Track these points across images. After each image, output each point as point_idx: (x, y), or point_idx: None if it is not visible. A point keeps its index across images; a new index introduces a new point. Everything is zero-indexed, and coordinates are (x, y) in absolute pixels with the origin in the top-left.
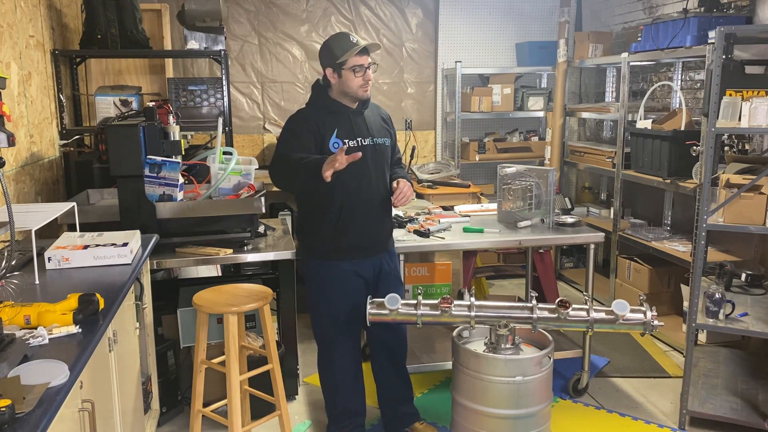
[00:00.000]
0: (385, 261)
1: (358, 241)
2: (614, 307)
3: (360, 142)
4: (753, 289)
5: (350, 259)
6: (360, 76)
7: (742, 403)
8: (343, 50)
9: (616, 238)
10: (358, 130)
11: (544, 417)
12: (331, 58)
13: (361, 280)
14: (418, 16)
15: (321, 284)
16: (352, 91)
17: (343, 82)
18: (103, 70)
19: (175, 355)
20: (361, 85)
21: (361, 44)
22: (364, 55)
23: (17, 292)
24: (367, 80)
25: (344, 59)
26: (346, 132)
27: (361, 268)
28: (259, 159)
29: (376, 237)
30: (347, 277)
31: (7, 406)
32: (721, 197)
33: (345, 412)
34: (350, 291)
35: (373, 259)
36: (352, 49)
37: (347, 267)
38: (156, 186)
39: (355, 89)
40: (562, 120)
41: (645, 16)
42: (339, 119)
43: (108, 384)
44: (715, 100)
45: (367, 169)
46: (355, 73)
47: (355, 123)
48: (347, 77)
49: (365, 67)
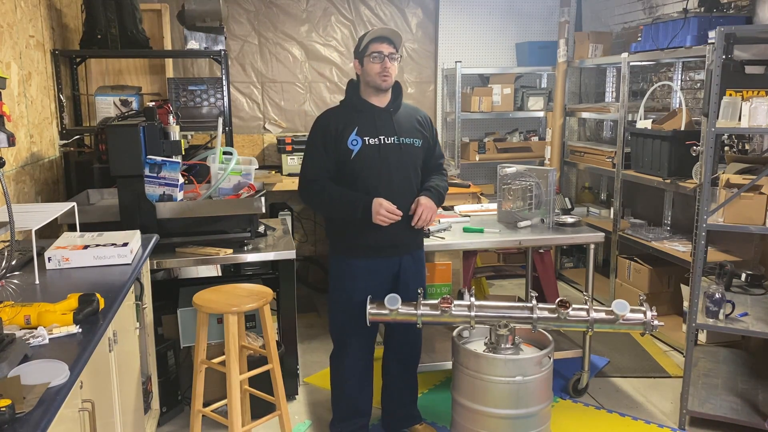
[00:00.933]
0: (405, 263)
1: (375, 241)
2: (614, 307)
3: (382, 140)
4: (753, 289)
5: (366, 258)
6: (377, 63)
7: (742, 403)
8: (365, 39)
9: (616, 238)
10: (381, 128)
11: (544, 417)
12: (356, 50)
13: (378, 280)
14: (418, 16)
15: (340, 280)
16: (371, 79)
17: (365, 71)
18: (103, 70)
19: (175, 355)
20: (378, 72)
21: (380, 33)
22: (384, 42)
23: (17, 292)
24: (385, 68)
25: (363, 46)
26: (367, 130)
27: (378, 267)
28: (259, 159)
29: (395, 238)
30: (363, 274)
31: (7, 406)
32: (721, 197)
33: (350, 410)
34: (366, 289)
35: (392, 261)
36: (370, 34)
37: (363, 265)
38: (156, 186)
39: (374, 76)
40: (562, 120)
41: (645, 16)
42: (363, 117)
43: (108, 384)
44: (715, 100)
45: (387, 168)
46: (372, 60)
47: (380, 120)
48: (367, 66)
49: (384, 54)
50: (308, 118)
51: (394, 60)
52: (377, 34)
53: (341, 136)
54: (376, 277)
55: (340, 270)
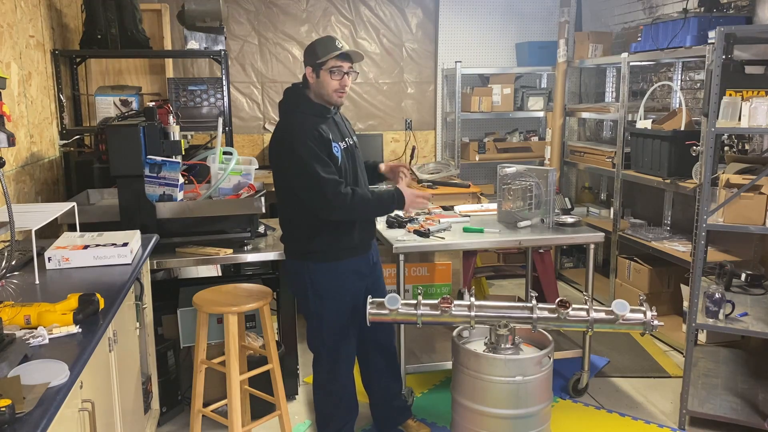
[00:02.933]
0: (375, 255)
1: (360, 239)
2: (614, 307)
3: (348, 142)
4: (753, 289)
5: (352, 258)
6: (336, 80)
7: (742, 403)
8: (326, 51)
9: (616, 238)
10: (342, 132)
11: (544, 417)
12: (312, 57)
13: (361, 280)
14: (418, 16)
15: (328, 287)
16: (326, 93)
17: (320, 82)
18: (103, 70)
19: (175, 355)
20: (336, 89)
21: (343, 48)
22: (346, 60)
23: (17, 292)
24: (344, 85)
25: (324, 59)
26: (336, 135)
27: (361, 265)
28: (259, 159)
29: (371, 232)
30: (350, 276)
31: (7, 406)
32: (721, 197)
33: (346, 413)
34: (354, 292)
35: (369, 255)
36: (333, 51)
37: (349, 266)
38: (156, 186)
39: (330, 92)
40: (562, 120)
41: (645, 16)
42: (329, 123)
43: (108, 384)
44: (715, 100)
45: (357, 170)
46: (332, 75)
47: (338, 124)
48: (324, 78)
49: (343, 71)
50: None
51: (350, 76)
52: (343, 52)
53: (329, 144)
54: (360, 277)
55: (327, 276)
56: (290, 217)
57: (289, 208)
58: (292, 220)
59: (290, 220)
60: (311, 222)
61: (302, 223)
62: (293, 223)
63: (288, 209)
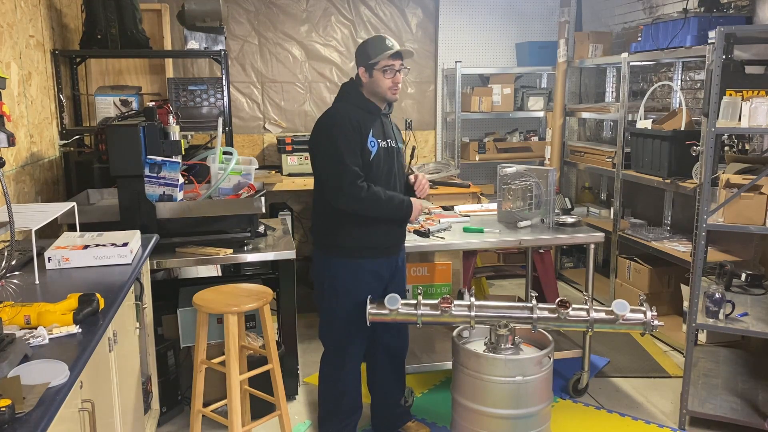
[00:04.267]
0: (400, 259)
1: (384, 241)
2: (614, 307)
3: (389, 143)
4: (753, 289)
5: (372, 259)
6: (389, 78)
7: (742, 403)
8: (377, 52)
9: (616, 238)
10: (387, 132)
11: (544, 417)
12: (364, 58)
13: (379, 281)
14: (418, 16)
15: (345, 284)
16: (381, 91)
17: (373, 81)
18: (103, 70)
19: (175, 355)
20: (390, 86)
21: (395, 48)
22: (397, 59)
23: (17, 292)
24: (396, 82)
25: (376, 60)
26: (379, 132)
27: (382, 267)
28: (259, 159)
29: (398, 236)
30: (368, 276)
31: (7, 406)
32: (721, 197)
33: (349, 410)
34: (370, 291)
35: (392, 258)
36: (385, 51)
37: (369, 266)
38: (156, 186)
39: (384, 90)
40: (562, 120)
41: (645, 16)
42: (373, 119)
43: (108, 384)
44: (715, 100)
45: (392, 171)
46: (384, 74)
47: (385, 124)
48: (377, 77)
49: (396, 69)
50: (308, 118)
51: (402, 72)
52: (395, 51)
53: (362, 136)
54: (378, 279)
55: (346, 273)
56: (320, 210)
57: (321, 200)
58: (321, 213)
59: (320, 213)
60: (338, 216)
61: (329, 217)
62: (321, 216)
63: (320, 201)
